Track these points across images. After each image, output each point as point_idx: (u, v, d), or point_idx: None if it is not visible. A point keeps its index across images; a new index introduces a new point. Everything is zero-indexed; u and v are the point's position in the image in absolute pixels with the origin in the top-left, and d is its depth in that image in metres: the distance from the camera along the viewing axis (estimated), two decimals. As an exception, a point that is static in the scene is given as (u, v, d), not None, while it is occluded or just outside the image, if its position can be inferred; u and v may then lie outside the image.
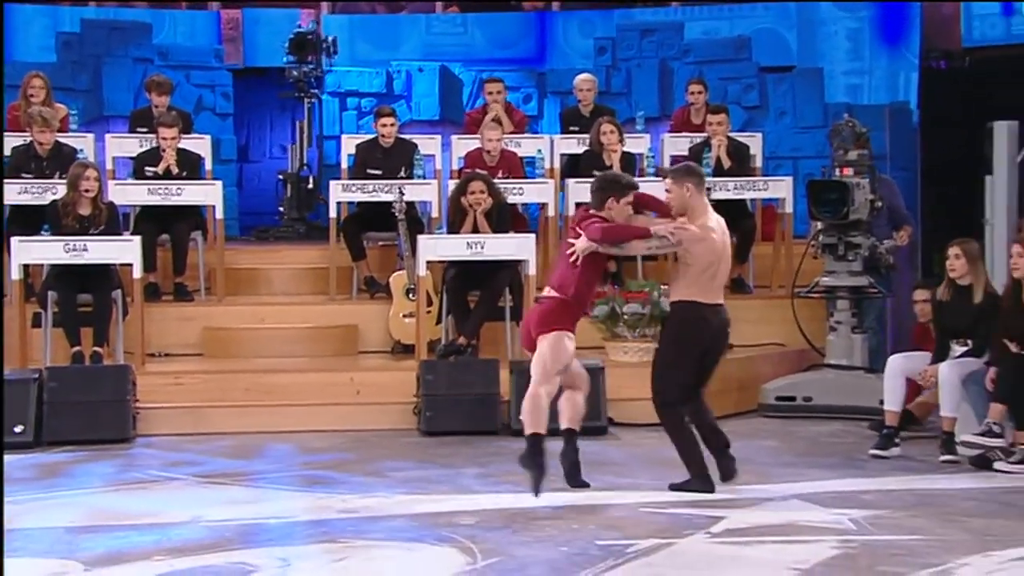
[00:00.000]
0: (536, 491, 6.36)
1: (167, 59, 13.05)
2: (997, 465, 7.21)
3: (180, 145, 9.90)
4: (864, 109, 11.89)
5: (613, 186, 6.81)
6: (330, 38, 12.17)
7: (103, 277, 8.79)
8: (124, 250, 8.79)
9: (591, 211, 6.77)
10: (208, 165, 10.56)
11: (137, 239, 8.92)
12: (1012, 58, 12.08)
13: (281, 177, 12.24)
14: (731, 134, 10.50)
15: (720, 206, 9.78)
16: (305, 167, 11.87)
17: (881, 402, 7.94)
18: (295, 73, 12.03)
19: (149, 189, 9.63)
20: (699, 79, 11.43)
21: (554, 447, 6.65)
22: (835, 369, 8.95)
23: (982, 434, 7.28)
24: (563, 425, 6.74)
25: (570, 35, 13.82)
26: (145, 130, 10.46)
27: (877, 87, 13.00)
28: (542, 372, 6.58)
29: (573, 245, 6.64)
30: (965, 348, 7.71)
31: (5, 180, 9.66)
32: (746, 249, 10.32)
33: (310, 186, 11.90)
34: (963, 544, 5.73)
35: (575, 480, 6.72)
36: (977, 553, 5.58)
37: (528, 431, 6.50)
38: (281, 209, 12.02)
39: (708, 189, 9.47)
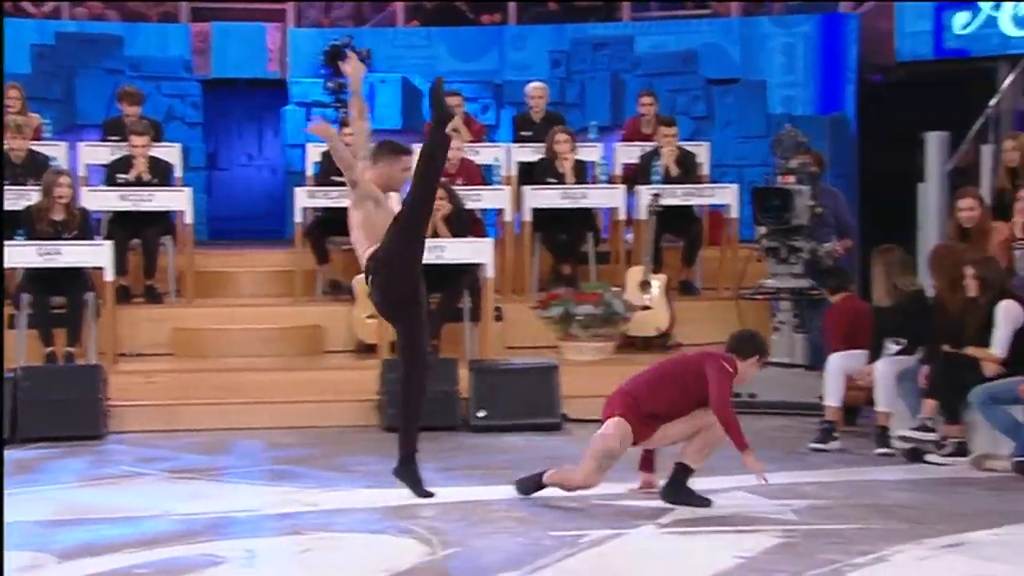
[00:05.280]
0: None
1: (138, 70, 12.97)
2: (929, 457, 7.28)
3: (151, 153, 9.85)
4: (805, 120, 11.98)
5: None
6: (364, 50, 12.10)
7: (76, 280, 8.73)
8: (96, 254, 8.73)
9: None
10: (178, 172, 10.48)
11: (109, 243, 8.87)
12: (942, 73, 12.22)
13: None
14: (679, 143, 10.56)
15: (670, 212, 9.97)
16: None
17: (821, 398, 8.00)
18: (329, 85, 11.95)
19: (121, 195, 9.58)
20: (649, 91, 11.49)
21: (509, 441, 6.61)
22: (778, 367, 8.98)
23: (916, 429, 7.35)
24: None
25: (526, 49, 13.83)
26: (117, 138, 10.39)
27: (812, 99, 13.11)
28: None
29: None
30: (900, 347, 7.79)
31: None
32: (694, 253, 10.38)
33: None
34: (897, 533, 5.77)
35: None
36: (910, 541, 5.63)
37: None
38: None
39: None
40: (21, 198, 9.17)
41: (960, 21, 12.16)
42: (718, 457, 7.21)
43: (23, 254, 8.60)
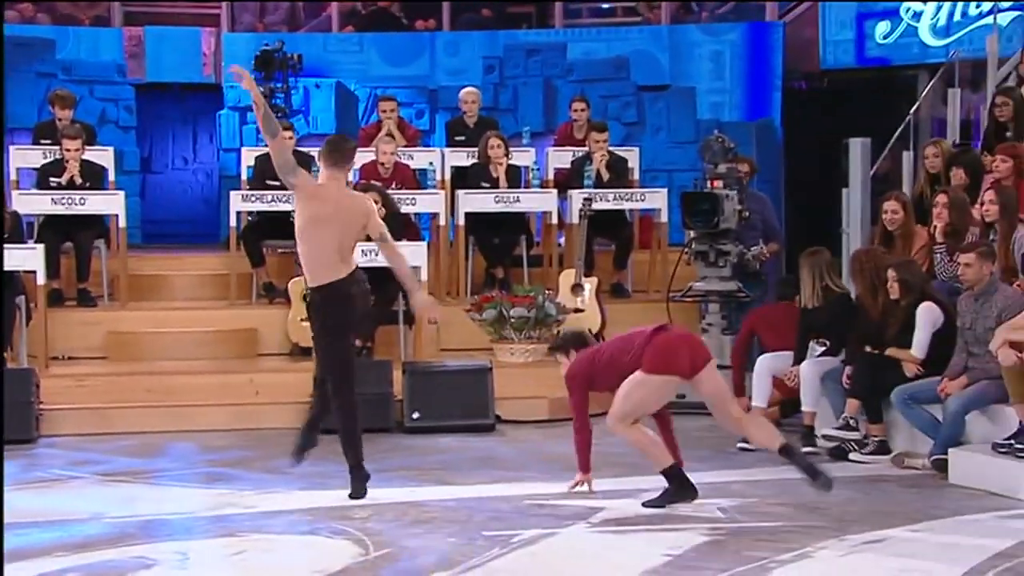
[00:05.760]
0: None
1: (71, 74, 12.81)
2: (852, 456, 7.37)
3: (84, 156, 9.72)
4: (732, 125, 12.10)
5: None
6: (295, 55, 11.98)
7: (7, 284, 8.54)
8: (28, 258, 8.61)
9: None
10: (111, 176, 10.37)
11: (40, 247, 8.75)
12: (864, 80, 12.43)
13: None
14: (611, 148, 10.62)
15: (601, 216, 10.02)
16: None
17: (750, 398, 8.08)
18: (261, 89, 11.85)
19: (53, 199, 9.44)
20: (582, 97, 11.53)
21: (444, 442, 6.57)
22: (707, 368, 9.04)
23: (840, 428, 7.45)
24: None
25: (460, 54, 13.85)
26: (49, 142, 10.24)
27: (739, 105, 13.25)
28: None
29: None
30: (824, 348, 7.89)
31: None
32: (625, 256, 10.45)
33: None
34: (821, 529, 5.84)
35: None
36: (834, 537, 5.70)
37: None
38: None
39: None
40: (-49, 201, 9.03)
41: (881, 31, 12.38)
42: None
43: (-47, 258, 8.45)
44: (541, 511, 6.18)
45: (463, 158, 10.76)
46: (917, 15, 12.22)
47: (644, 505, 6.18)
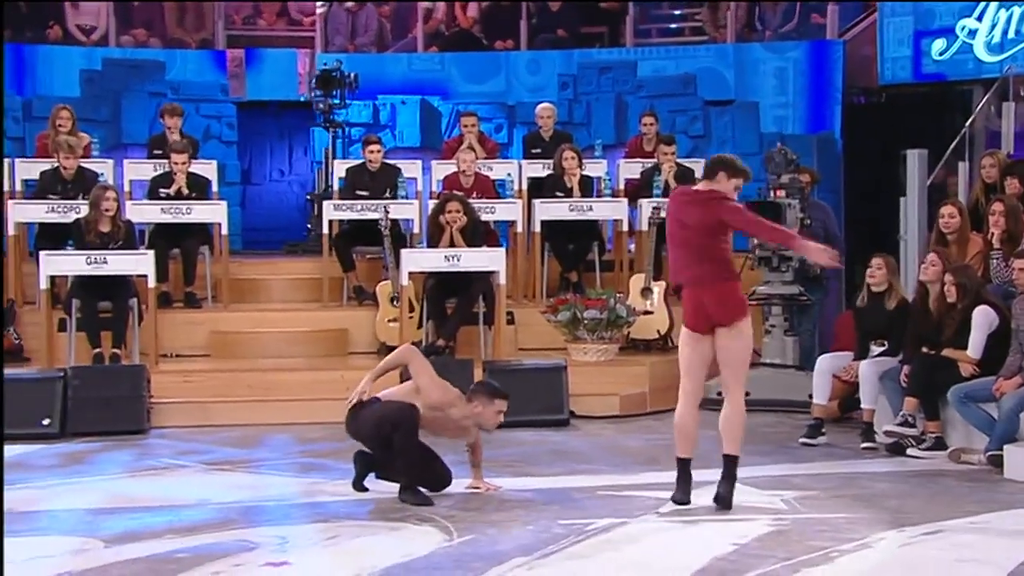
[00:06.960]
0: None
1: (178, 93, 13.01)
2: (910, 451, 7.28)
3: (190, 169, 9.89)
4: (794, 138, 11.97)
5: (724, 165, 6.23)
6: (352, 74, 12.08)
7: (121, 287, 8.76)
8: (140, 263, 8.77)
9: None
10: (215, 187, 10.53)
11: (151, 253, 8.91)
12: (921, 95, 12.23)
13: (308, 197, 12.11)
14: (678, 160, 10.56)
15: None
16: (329, 188, 11.39)
17: (810, 396, 8.00)
18: (321, 106, 11.95)
19: (162, 208, 9.62)
20: (651, 112, 11.49)
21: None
22: (770, 367, 8.98)
23: (898, 424, 7.35)
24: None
25: (538, 73, 13.86)
26: (160, 153, 10.45)
27: (801, 119, 13.10)
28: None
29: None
30: (882, 348, 7.79)
31: (34, 201, 9.69)
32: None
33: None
34: (880, 521, 5.77)
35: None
36: (892, 528, 5.63)
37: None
38: (309, 226, 11.84)
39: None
40: (71, 211, 9.23)
41: (937, 48, 12.16)
42: (716, 452, 7.23)
43: (73, 263, 8.65)
44: (614, 502, 6.17)
45: (539, 169, 10.79)
46: (972, 33, 11.99)
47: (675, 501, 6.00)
